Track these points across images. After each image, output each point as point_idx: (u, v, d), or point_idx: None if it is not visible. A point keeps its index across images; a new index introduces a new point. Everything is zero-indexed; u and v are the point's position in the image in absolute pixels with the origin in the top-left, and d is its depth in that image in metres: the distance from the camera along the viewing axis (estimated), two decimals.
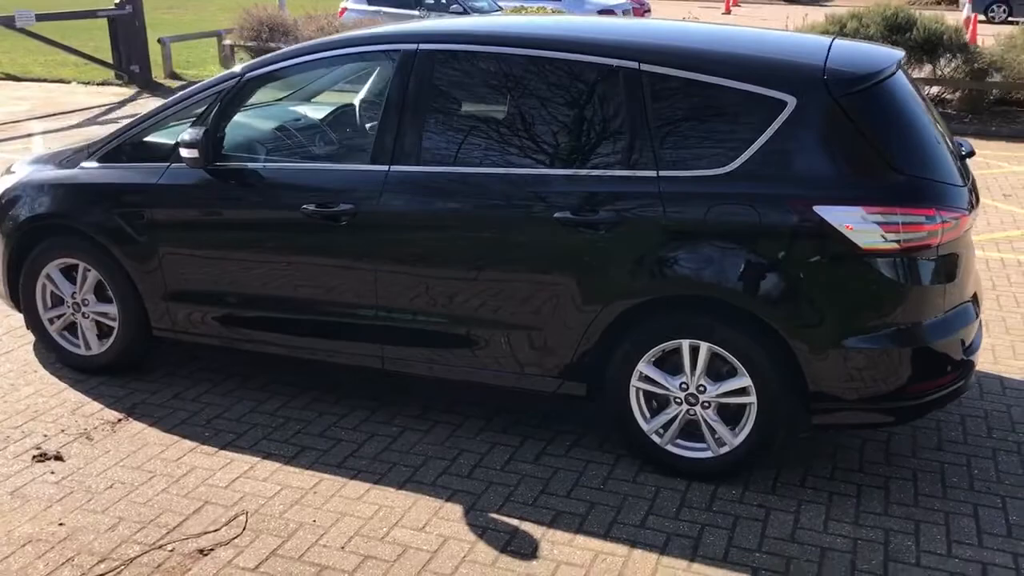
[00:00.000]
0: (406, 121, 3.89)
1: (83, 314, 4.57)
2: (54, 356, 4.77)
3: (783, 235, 3.44)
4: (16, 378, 4.63)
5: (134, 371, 4.63)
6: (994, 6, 27.76)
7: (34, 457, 3.90)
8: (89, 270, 4.47)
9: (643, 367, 3.70)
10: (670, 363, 3.70)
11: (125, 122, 4.62)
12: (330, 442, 4.05)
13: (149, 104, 12.95)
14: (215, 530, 3.43)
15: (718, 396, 3.64)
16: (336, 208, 3.92)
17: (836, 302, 3.45)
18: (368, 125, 4.27)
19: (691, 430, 3.74)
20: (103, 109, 12.65)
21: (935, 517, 3.56)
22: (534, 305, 3.77)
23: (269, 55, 4.27)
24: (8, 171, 4.98)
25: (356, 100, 4.69)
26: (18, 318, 5.29)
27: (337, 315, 4.10)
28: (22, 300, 4.67)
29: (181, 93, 4.36)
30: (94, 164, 4.45)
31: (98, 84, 14.58)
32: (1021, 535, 3.45)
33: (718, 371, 3.64)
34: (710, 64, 3.60)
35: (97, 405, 4.35)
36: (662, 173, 3.56)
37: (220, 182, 4.14)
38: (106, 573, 3.18)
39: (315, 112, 4.66)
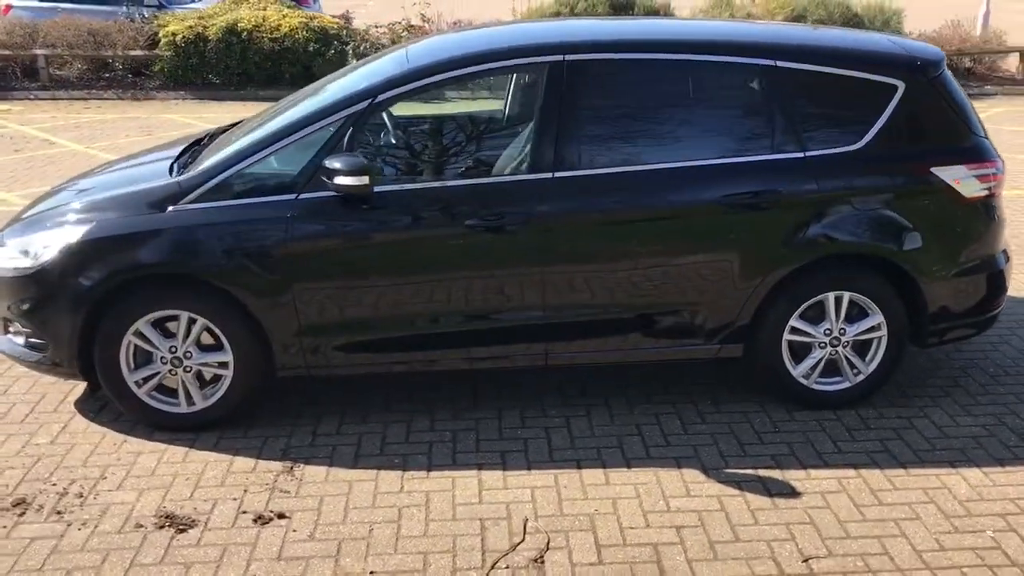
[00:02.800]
0: (562, 128, 4.11)
1: (184, 368, 4.20)
2: (134, 419, 4.32)
3: (908, 194, 4.26)
4: (115, 451, 4.14)
5: (239, 421, 4.34)
6: None
7: (254, 521, 3.65)
8: (195, 319, 4.12)
9: (794, 322, 4.33)
10: (809, 315, 4.35)
11: (213, 158, 4.26)
12: (518, 442, 4.21)
13: None
14: (520, 541, 3.53)
15: (855, 336, 4.37)
16: (503, 219, 4.06)
17: (948, 241, 4.33)
18: (519, 136, 4.38)
19: (828, 368, 4.44)
20: None
21: (1020, 396, 4.60)
22: (699, 284, 4.23)
23: (395, 75, 4.18)
24: None
25: (494, 113, 4.71)
26: (31, 385, 4.69)
27: (502, 321, 4.23)
28: (100, 366, 4.16)
29: (292, 122, 4.14)
30: (193, 205, 4.09)
31: None
32: None
33: (849, 314, 4.37)
34: (833, 58, 4.28)
35: (247, 460, 4.08)
36: (808, 154, 4.18)
37: (371, 207, 4.05)
38: None
39: (454, 128, 4.61)
